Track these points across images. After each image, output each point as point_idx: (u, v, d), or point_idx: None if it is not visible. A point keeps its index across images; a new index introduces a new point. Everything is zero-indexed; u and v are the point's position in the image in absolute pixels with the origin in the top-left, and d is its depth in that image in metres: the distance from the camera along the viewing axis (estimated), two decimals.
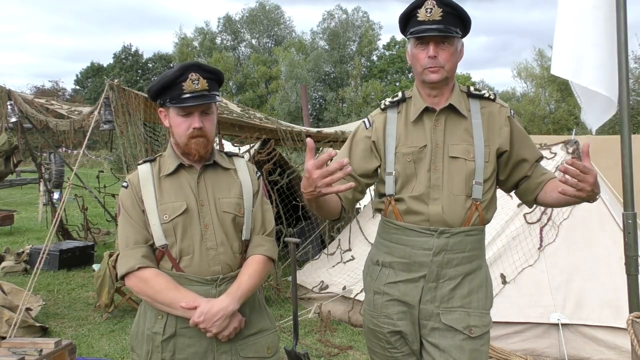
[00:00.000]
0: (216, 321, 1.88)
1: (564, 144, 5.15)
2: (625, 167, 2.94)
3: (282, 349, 3.83)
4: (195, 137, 1.93)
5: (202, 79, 1.93)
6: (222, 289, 1.95)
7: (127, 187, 2.01)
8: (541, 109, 26.72)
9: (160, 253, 1.96)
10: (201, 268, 1.95)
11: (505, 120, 2.06)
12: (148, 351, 1.96)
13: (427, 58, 1.96)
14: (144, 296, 1.95)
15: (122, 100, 5.08)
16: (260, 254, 2.04)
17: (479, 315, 2.03)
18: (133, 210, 1.97)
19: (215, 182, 2.03)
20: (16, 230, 10.65)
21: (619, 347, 4.06)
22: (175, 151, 2.02)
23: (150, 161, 2.06)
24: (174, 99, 1.92)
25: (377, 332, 2.11)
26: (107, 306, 5.24)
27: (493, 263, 4.54)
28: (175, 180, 2.00)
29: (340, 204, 2.08)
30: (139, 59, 47.41)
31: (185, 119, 1.94)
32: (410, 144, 2.05)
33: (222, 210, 1.99)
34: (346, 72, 40.75)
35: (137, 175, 2.02)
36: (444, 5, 1.94)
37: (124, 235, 1.97)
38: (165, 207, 1.95)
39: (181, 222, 1.94)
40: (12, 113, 6.75)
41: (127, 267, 1.92)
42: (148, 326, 1.97)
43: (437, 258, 2.00)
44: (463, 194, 2.00)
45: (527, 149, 2.10)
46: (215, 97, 1.96)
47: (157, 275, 1.92)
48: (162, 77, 1.94)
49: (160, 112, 2.03)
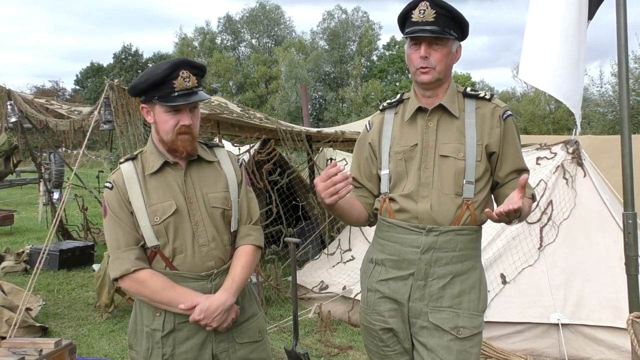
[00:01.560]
0: (216, 317, 1.91)
1: (564, 144, 5.14)
2: (625, 167, 2.94)
3: (282, 349, 3.83)
4: (182, 133, 1.93)
5: (192, 75, 1.92)
6: (217, 282, 1.99)
7: (112, 189, 1.96)
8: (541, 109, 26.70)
9: (153, 253, 1.96)
10: (195, 265, 1.96)
11: (498, 120, 2.05)
12: (148, 348, 1.96)
13: (419, 58, 1.98)
14: (141, 297, 1.96)
15: (122, 100, 5.07)
16: (249, 244, 2.07)
17: (469, 317, 2.02)
18: (121, 212, 1.94)
19: (202, 178, 2.02)
20: (16, 230, 10.65)
21: (619, 347, 4.06)
22: (158, 148, 1.99)
23: (131, 159, 2.02)
24: (163, 96, 1.89)
25: (370, 329, 2.13)
26: (107, 306, 5.24)
27: (493, 263, 4.54)
28: (161, 178, 1.98)
29: (365, 211, 2.19)
30: (139, 59, 47.39)
31: (173, 116, 1.92)
32: (403, 143, 2.08)
33: (211, 206, 2.00)
34: (346, 72, 40.78)
35: (121, 176, 1.97)
36: (437, 6, 1.96)
37: (113, 238, 1.94)
38: (154, 208, 1.93)
39: (172, 222, 1.94)
40: (12, 113, 6.73)
41: (122, 270, 1.92)
42: (146, 323, 1.98)
43: (425, 256, 2.00)
44: (452, 192, 2.01)
45: (510, 156, 2.06)
46: (204, 95, 1.96)
47: (152, 276, 1.92)
48: (151, 75, 1.90)
49: (142, 109, 2.00)
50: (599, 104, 18.72)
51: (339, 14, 42.14)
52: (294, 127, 6.77)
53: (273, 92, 39.26)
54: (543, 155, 5.14)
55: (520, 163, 2.09)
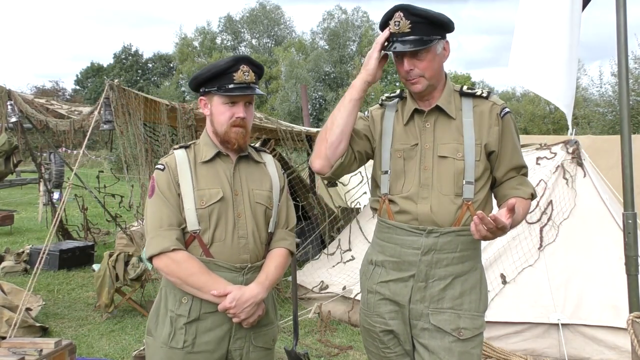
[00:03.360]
0: (246, 307, 1.94)
1: (564, 144, 5.14)
2: (625, 167, 2.94)
3: (282, 349, 3.83)
4: (236, 126, 2.00)
5: (252, 71, 2.01)
6: (249, 277, 2.02)
7: (164, 170, 2.03)
8: (541, 109, 26.68)
9: (191, 238, 1.99)
10: (231, 255, 2.00)
11: (496, 118, 2.03)
12: (170, 333, 1.98)
13: (405, 72, 1.97)
14: (174, 277, 1.96)
15: (122, 100, 5.08)
16: (284, 247, 2.12)
17: (470, 318, 2.01)
18: (169, 193, 1.99)
19: (249, 174, 2.10)
20: (16, 230, 10.64)
21: (619, 347, 4.06)
22: (212, 139, 2.07)
23: (185, 147, 2.10)
24: (222, 87, 1.98)
25: (371, 331, 2.12)
26: (107, 306, 5.24)
27: (493, 263, 4.54)
28: (211, 167, 2.05)
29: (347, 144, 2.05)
30: (139, 59, 47.40)
31: (230, 108, 2.00)
32: (404, 141, 2.07)
33: (255, 201, 2.06)
34: (346, 72, 40.72)
35: (174, 159, 2.05)
36: (411, 15, 1.92)
37: (157, 216, 1.98)
38: (202, 193, 1.99)
39: (216, 209, 1.99)
40: (12, 113, 6.73)
41: (162, 247, 1.94)
42: (171, 308, 2.00)
43: (425, 257, 1.99)
44: (452, 193, 1.99)
45: (509, 154, 2.05)
46: (259, 90, 2.05)
47: (189, 259, 1.96)
48: (214, 66, 2.00)
49: (200, 101, 2.09)
50: (599, 104, 18.71)
51: (339, 14, 42.16)
52: (294, 127, 6.77)
53: (273, 92, 39.24)
54: (543, 155, 5.15)
55: (519, 160, 2.07)
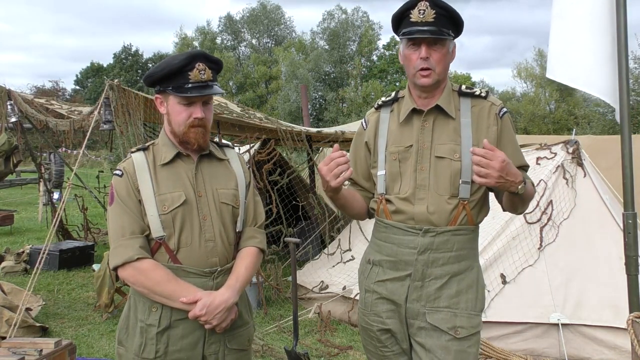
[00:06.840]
0: (217, 314, 1.88)
1: (564, 144, 5.14)
2: (625, 167, 2.94)
3: (282, 349, 3.83)
4: (195, 126, 1.93)
5: (208, 69, 1.93)
6: (219, 281, 1.96)
7: (122, 176, 1.95)
8: (541, 108, 26.72)
9: (157, 244, 1.93)
10: (199, 260, 1.94)
11: (495, 118, 2.04)
12: (141, 344, 1.92)
13: (419, 59, 1.96)
14: (141, 287, 1.90)
15: (122, 100, 5.07)
16: (253, 246, 2.06)
17: (467, 316, 2.01)
18: (129, 200, 1.92)
19: (212, 173, 2.02)
20: (16, 230, 10.64)
21: (619, 347, 4.06)
22: (171, 140, 1.99)
23: (143, 149, 2.01)
24: (178, 87, 1.90)
25: (368, 330, 2.13)
26: (107, 306, 5.24)
27: (493, 263, 4.54)
28: (172, 169, 1.97)
29: (365, 205, 2.20)
30: (139, 59, 47.42)
31: (187, 108, 1.92)
32: (398, 143, 2.08)
33: (221, 202, 1.99)
34: (346, 72, 40.75)
35: (131, 164, 1.96)
36: (437, 7, 1.94)
37: (118, 225, 1.91)
38: (163, 197, 1.92)
39: (180, 214, 1.92)
40: (12, 113, 6.74)
41: (125, 257, 1.87)
42: (141, 318, 1.93)
43: (422, 257, 2.00)
44: (448, 193, 2.00)
45: (511, 154, 2.02)
46: (218, 88, 1.96)
47: (155, 267, 1.89)
48: (167, 65, 1.90)
49: (156, 99, 2.00)
50: (599, 104, 18.74)
51: (339, 14, 42.13)
52: (294, 127, 6.77)
53: (273, 92, 39.26)
54: (543, 155, 5.15)
55: (519, 160, 2.07)
